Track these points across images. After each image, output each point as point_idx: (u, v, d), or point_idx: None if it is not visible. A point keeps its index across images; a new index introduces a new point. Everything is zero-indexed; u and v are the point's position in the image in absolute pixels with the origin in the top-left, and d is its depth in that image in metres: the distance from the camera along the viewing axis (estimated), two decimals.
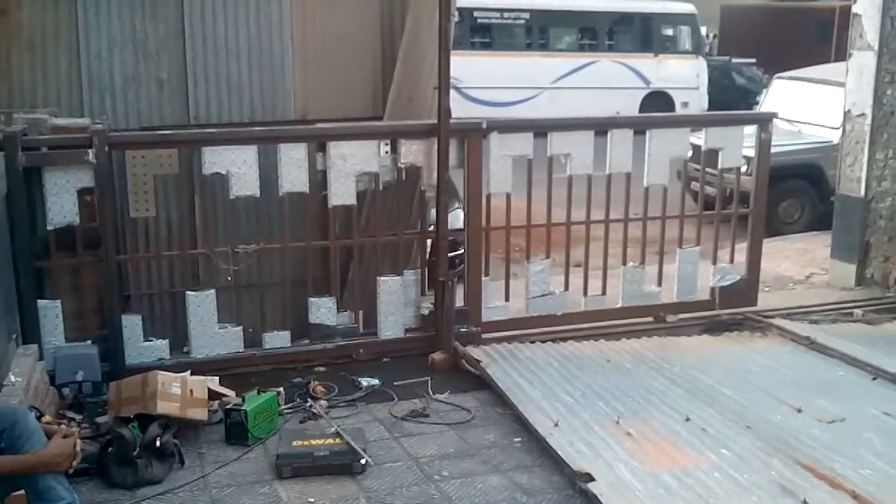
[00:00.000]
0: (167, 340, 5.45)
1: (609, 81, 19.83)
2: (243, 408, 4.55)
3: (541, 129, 6.19)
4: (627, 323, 6.26)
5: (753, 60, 24.40)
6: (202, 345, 5.43)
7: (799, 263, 8.54)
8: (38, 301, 5.09)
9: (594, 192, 6.05)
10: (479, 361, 5.40)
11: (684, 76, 20.81)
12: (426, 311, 5.85)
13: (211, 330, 5.43)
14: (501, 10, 19.65)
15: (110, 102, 5.99)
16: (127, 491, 4.07)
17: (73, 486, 3.27)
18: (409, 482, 4.19)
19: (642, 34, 20.83)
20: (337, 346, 5.67)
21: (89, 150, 5.03)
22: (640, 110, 20.40)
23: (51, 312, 5.12)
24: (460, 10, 6.14)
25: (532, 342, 5.83)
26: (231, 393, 4.88)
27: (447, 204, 5.73)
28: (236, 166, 5.31)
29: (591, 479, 4.02)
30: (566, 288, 6.17)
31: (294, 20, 6.26)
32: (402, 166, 5.64)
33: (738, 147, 6.39)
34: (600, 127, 6.17)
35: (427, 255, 6.07)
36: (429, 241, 6.02)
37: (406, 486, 4.14)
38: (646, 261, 6.36)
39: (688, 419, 4.67)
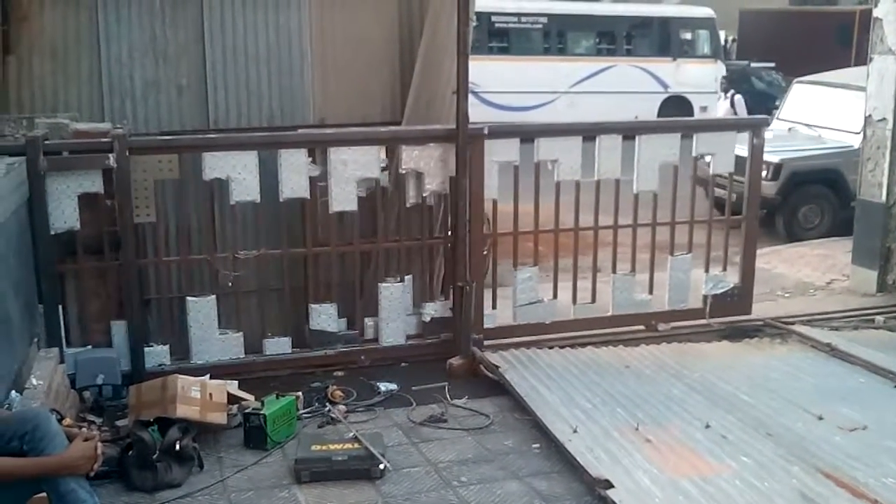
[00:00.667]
0: (168, 346, 5.41)
1: (627, 86, 19.79)
2: (262, 412, 4.56)
3: (527, 134, 6.05)
4: (626, 330, 6.17)
5: (773, 65, 24.28)
6: (203, 350, 5.40)
7: (819, 269, 8.47)
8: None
9: (593, 198, 6.00)
10: (497, 367, 5.39)
11: (703, 80, 20.73)
12: (427, 318, 5.81)
13: (212, 335, 5.41)
14: (519, 15, 19.64)
15: (130, 107, 6.04)
16: (147, 494, 4.09)
17: (94, 488, 3.28)
18: (428, 487, 4.18)
19: (660, 38, 20.77)
20: (338, 352, 5.63)
21: (110, 155, 5.06)
22: (659, 114, 20.33)
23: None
24: (478, 14, 6.10)
25: (550, 348, 5.81)
26: (250, 397, 4.88)
27: (465, 209, 5.71)
28: (237, 171, 5.28)
29: (609, 485, 4.00)
30: (555, 296, 6.07)
31: (312, 26, 6.29)
32: (404, 172, 5.60)
33: (729, 152, 6.29)
34: (588, 132, 6.07)
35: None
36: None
37: (424, 492, 4.14)
38: (640, 267, 6.25)
39: (708, 426, 4.65)
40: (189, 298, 5.41)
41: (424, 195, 5.68)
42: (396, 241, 5.80)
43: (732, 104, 14.04)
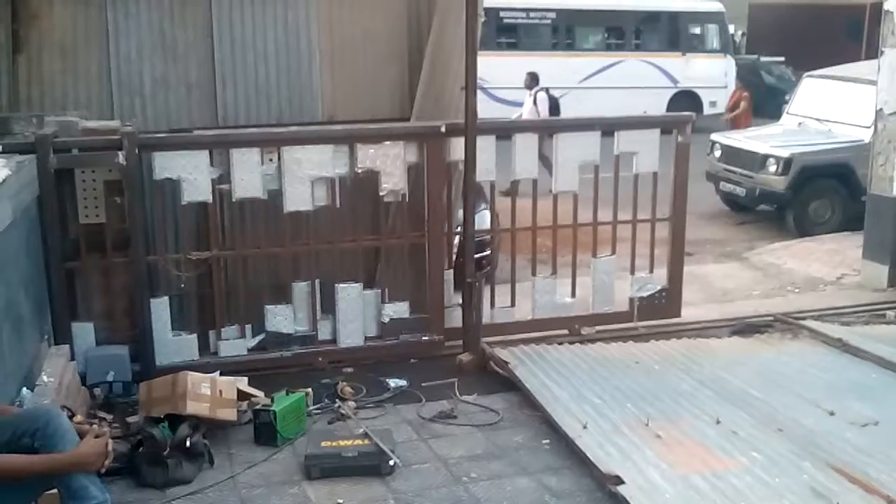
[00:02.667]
0: (126, 347, 5.27)
1: (636, 81, 19.72)
2: (272, 408, 4.57)
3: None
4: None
5: (782, 59, 24.18)
6: (156, 351, 5.30)
7: (830, 264, 8.44)
8: None
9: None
10: (507, 363, 5.38)
11: (712, 75, 20.65)
12: (386, 319, 5.72)
13: (164, 337, 5.33)
14: (528, 10, 19.59)
15: (140, 105, 6.05)
16: (157, 490, 4.11)
17: (105, 485, 3.28)
18: (438, 484, 4.18)
19: (669, 33, 20.71)
20: (294, 354, 5.55)
21: (119, 153, 5.06)
22: (668, 110, 20.23)
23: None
24: (486, 10, 6.06)
25: (560, 344, 5.80)
26: (260, 394, 4.89)
27: (474, 204, 5.70)
28: (187, 172, 5.19)
29: (620, 481, 3.99)
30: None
31: (321, 22, 6.29)
32: (359, 171, 5.48)
33: (653, 151, 6.01)
34: (502, 132, 5.90)
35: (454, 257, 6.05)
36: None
37: (434, 488, 4.14)
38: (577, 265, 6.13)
39: (718, 422, 4.63)
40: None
41: (382, 194, 5.55)
42: (375, 238, 5.71)
43: (535, 102, 13.91)
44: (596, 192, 6.02)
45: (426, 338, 5.76)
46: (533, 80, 14.34)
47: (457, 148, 5.60)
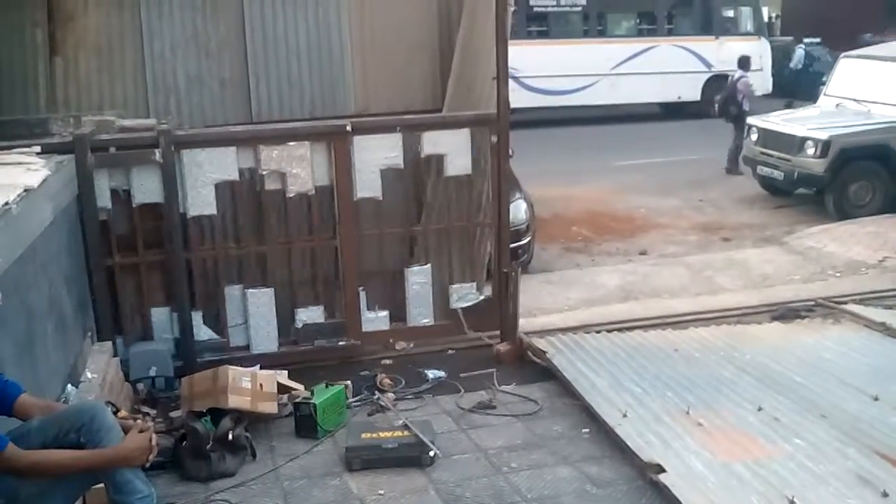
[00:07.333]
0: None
1: (669, 66, 19.52)
2: (312, 401, 4.60)
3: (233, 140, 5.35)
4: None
5: (818, 40, 23.81)
6: None
7: (871, 247, 8.32)
8: None
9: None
10: (545, 352, 5.37)
11: None
12: (300, 325, 5.55)
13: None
14: None
15: (175, 102, 6.11)
16: (201, 484, 4.15)
17: (149, 479, 3.33)
18: (478, 474, 4.19)
19: (702, 16, 20.45)
20: (206, 361, 5.24)
21: (156, 150, 5.11)
22: (702, 94, 20.04)
23: None
24: None
25: (598, 332, 5.78)
26: (300, 386, 4.92)
27: (508, 194, 5.69)
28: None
29: (661, 470, 3.97)
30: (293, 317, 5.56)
31: (352, 16, 6.32)
32: (264, 173, 5.29)
33: (465, 152, 5.60)
34: (307, 137, 5.37)
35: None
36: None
37: (475, 478, 4.14)
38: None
39: (760, 409, 4.58)
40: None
41: (290, 196, 5.35)
42: (286, 242, 5.48)
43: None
44: (407, 197, 5.69)
45: (342, 343, 5.57)
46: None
47: (264, 157, 5.28)
